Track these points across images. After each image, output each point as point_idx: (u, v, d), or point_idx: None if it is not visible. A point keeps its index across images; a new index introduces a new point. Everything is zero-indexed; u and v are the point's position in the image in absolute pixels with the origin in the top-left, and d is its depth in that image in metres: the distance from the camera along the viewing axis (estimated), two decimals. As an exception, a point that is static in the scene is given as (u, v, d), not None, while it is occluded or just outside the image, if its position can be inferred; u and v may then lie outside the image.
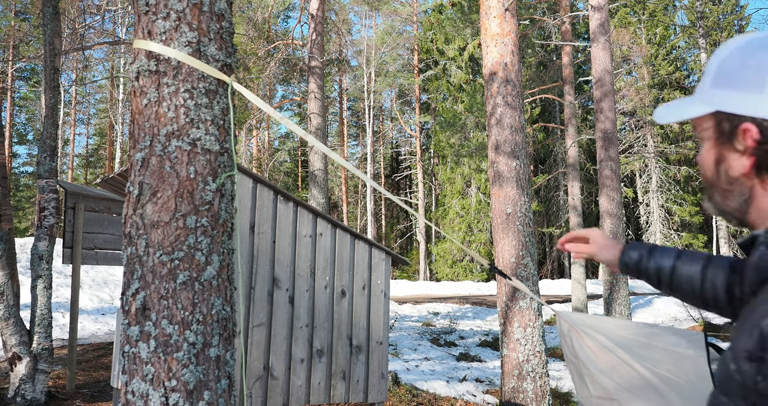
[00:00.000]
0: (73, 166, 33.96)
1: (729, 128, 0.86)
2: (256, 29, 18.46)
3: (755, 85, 0.83)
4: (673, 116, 0.94)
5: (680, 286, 1.28)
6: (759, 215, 0.87)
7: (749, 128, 0.83)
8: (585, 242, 1.50)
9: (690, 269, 1.27)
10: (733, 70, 0.86)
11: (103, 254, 6.24)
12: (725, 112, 0.86)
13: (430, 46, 27.54)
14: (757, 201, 0.86)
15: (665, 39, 27.81)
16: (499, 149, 5.54)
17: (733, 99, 0.85)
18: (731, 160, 0.87)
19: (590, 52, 10.81)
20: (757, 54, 0.84)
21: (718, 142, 0.89)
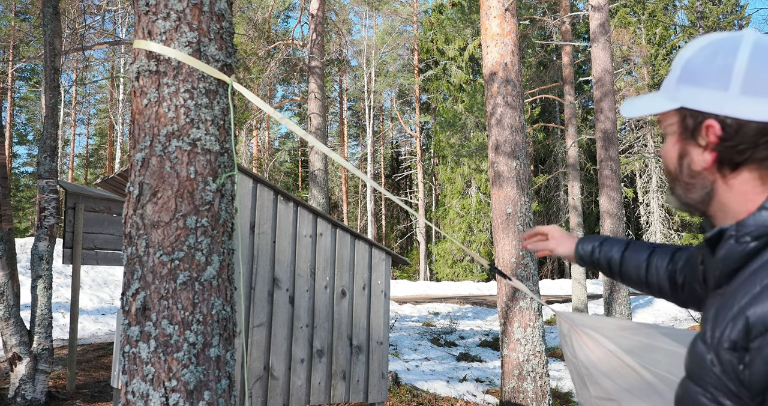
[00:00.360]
0: (73, 167, 33.96)
1: (693, 124, 0.89)
2: (256, 29, 18.47)
3: (720, 84, 0.85)
4: (640, 110, 0.96)
5: (629, 274, 1.36)
6: (720, 208, 0.90)
7: (712, 125, 0.86)
8: (545, 238, 1.58)
9: (637, 258, 1.35)
10: (699, 68, 0.89)
11: (103, 254, 6.24)
12: (690, 109, 0.89)
13: (430, 46, 27.54)
14: (718, 195, 0.89)
15: (665, 39, 27.82)
16: (499, 149, 5.54)
17: (698, 96, 0.87)
18: (694, 155, 0.90)
19: (590, 52, 10.81)
20: (723, 54, 0.86)
21: (682, 137, 0.91)
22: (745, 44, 0.86)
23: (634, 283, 1.37)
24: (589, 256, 1.45)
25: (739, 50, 0.86)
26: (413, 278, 28.83)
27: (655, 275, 1.31)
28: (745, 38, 0.87)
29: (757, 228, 0.83)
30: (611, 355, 1.48)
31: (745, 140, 0.84)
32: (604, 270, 1.43)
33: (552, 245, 1.54)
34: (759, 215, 0.83)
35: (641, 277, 1.34)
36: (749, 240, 0.83)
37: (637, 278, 1.35)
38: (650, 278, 1.32)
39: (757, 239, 0.83)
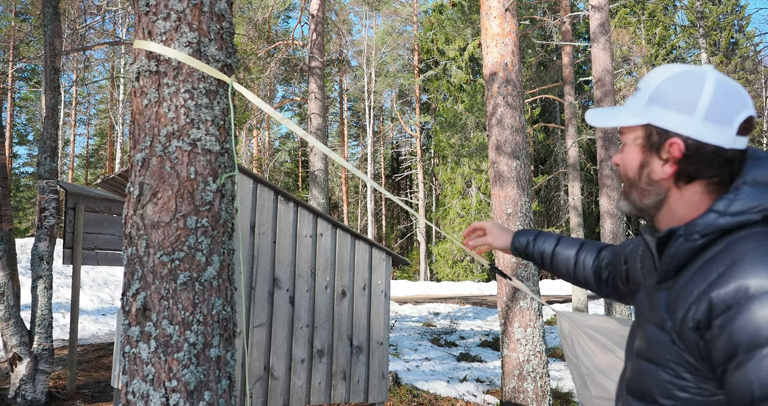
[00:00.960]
0: (73, 167, 33.97)
1: (658, 140, 1.03)
2: (256, 29, 18.47)
3: (687, 109, 1.00)
4: (608, 121, 1.10)
5: (559, 268, 1.53)
6: (668, 213, 1.06)
7: (677, 142, 1.00)
8: (483, 234, 1.70)
9: (566, 254, 1.52)
10: (669, 93, 1.02)
11: (103, 255, 6.24)
12: (657, 126, 1.03)
13: (431, 46, 27.53)
14: (670, 202, 1.05)
15: (665, 39, 27.81)
16: (499, 149, 5.54)
17: (667, 116, 1.01)
18: (655, 166, 1.04)
19: (590, 52, 10.81)
20: (693, 85, 1.01)
21: (645, 149, 1.05)
22: (710, 79, 1.01)
23: (563, 276, 1.53)
24: (523, 249, 1.59)
25: (705, 83, 1.00)
26: (413, 278, 28.83)
27: (582, 270, 1.48)
28: (709, 74, 1.02)
29: (705, 227, 0.97)
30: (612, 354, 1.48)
31: (702, 159, 1.00)
32: (537, 263, 1.58)
33: (489, 240, 1.66)
34: (707, 216, 0.98)
35: (570, 271, 1.51)
36: (697, 238, 0.98)
37: (566, 271, 1.52)
38: (578, 273, 1.49)
39: (704, 237, 0.97)
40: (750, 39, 28.67)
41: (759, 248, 0.92)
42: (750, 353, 0.85)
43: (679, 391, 0.96)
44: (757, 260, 0.90)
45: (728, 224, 0.96)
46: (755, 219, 0.96)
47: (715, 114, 0.99)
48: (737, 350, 0.87)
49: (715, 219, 0.97)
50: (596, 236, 27.49)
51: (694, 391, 0.95)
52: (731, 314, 0.88)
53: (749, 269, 0.89)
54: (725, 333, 0.88)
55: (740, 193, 0.97)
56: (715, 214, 0.97)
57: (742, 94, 1.01)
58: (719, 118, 0.99)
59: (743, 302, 0.87)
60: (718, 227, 0.97)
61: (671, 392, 0.97)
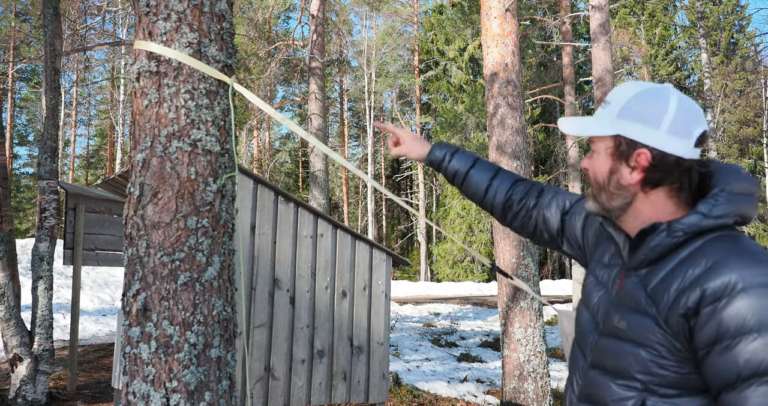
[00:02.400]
0: (73, 168, 33.97)
1: (627, 150, 1.15)
2: (256, 30, 18.47)
3: (654, 123, 1.12)
4: (579, 130, 1.22)
5: (468, 189, 1.60)
6: (634, 214, 1.18)
7: (644, 152, 1.13)
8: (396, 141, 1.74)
9: (480, 177, 1.59)
10: (637, 108, 1.15)
11: (103, 255, 6.24)
12: (626, 137, 1.15)
13: (431, 46, 27.53)
14: (636, 205, 1.17)
15: (665, 39, 27.81)
16: (500, 150, 5.54)
17: (635, 129, 1.14)
18: (623, 173, 1.16)
19: (591, 53, 10.81)
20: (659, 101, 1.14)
21: (615, 157, 1.17)
22: (674, 97, 1.14)
23: (472, 197, 1.61)
24: (438, 163, 1.64)
25: (670, 100, 1.13)
26: (414, 279, 28.82)
27: (492, 197, 1.57)
28: (673, 93, 1.15)
29: (690, 226, 1.09)
30: None
31: (666, 168, 1.12)
32: (449, 179, 1.64)
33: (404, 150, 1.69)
34: (691, 217, 1.09)
35: (479, 194, 1.59)
36: (681, 235, 1.09)
37: (475, 193, 1.60)
38: (487, 197, 1.58)
39: (686, 234, 1.09)
40: (750, 39, 28.67)
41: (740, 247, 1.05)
42: (737, 339, 0.97)
43: (659, 369, 1.08)
44: (743, 258, 1.02)
45: (710, 225, 1.09)
46: (729, 222, 1.10)
47: (677, 128, 1.12)
48: (724, 336, 0.98)
49: (699, 220, 1.09)
50: (597, 236, 27.42)
51: (673, 369, 1.07)
52: (721, 304, 0.99)
53: (736, 266, 1.01)
54: (714, 321, 1.00)
55: (720, 199, 1.10)
56: (699, 215, 1.09)
57: (699, 111, 1.15)
58: (681, 132, 1.12)
59: (732, 294, 0.99)
60: (702, 227, 1.09)
61: (651, 370, 1.09)
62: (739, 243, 1.06)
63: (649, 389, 1.09)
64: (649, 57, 25.46)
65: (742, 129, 24.08)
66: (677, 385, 1.07)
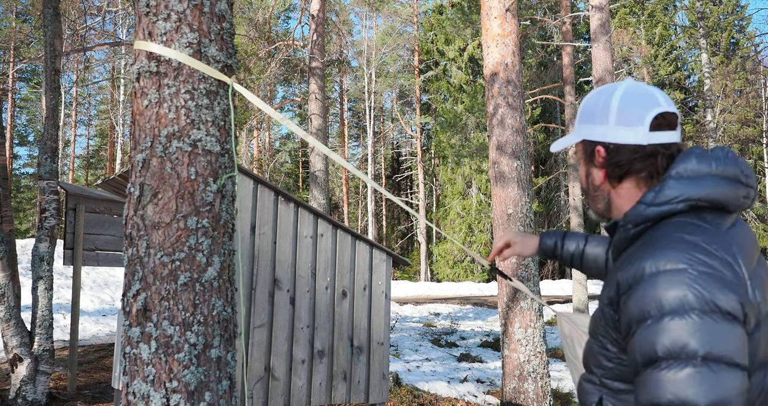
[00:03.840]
0: (73, 168, 33.97)
1: (590, 151, 1.20)
2: (256, 30, 18.47)
3: (602, 119, 1.16)
4: (561, 146, 1.28)
5: (588, 265, 1.58)
6: (616, 212, 1.20)
7: (599, 149, 1.17)
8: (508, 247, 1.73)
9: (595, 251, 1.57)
10: (589, 109, 1.20)
11: (104, 255, 6.24)
12: (587, 140, 1.20)
13: (431, 47, 27.52)
14: (613, 201, 1.20)
15: (665, 39, 27.80)
16: (500, 150, 5.54)
17: (590, 129, 1.18)
18: (594, 174, 1.20)
19: (591, 53, 10.81)
20: (604, 98, 1.17)
21: (586, 161, 1.22)
22: (619, 89, 1.16)
23: (594, 273, 1.58)
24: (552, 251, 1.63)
25: (614, 94, 1.16)
26: (414, 279, 28.81)
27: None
28: (621, 85, 1.17)
29: (635, 217, 1.10)
30: None
31: (622, 158, 1.14)
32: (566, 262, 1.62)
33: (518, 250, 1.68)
34: (636, 207, 1.10)
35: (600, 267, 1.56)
36: (630, 227, 1.11)
37: (596, 268, 1.57)
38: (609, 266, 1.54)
39: (636, 226, 1.10)
40: (750, 39, 28.66)
41: (666, 234, 1.04)
42: (638, 326, 0.98)
43: (606, 360, 1.10)
44: (657, 245, 1.02)
45: (654, 213, 1.08)
46: (680, 208, 1.07)
47: (624, 118, 1.13)
48: (631, 323, 1.00)
49: (643, 210, 1.09)
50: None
51: (616, 361, 1.08)
52: (630, 292, 1.01)
53: (648, 254, 1.01)
54: (625, 309, 1.01)
55: (665, 185, 1.09)
56: (643, 205, 1.09)
57: (653, 94, 1.14)
58: (629, 120, 1.13)
59: (639, 282, 1.00)
60: (646, 216, 1.09)
61: (600, 362, 1.11)
62: (671, 230, 1.04)
63: (603, 383, 1.10)
64: (649, 57, 25.46)
65: (742, 129, 24.09)
66: (624, 378, 1.07)
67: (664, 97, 1.15)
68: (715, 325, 0.92)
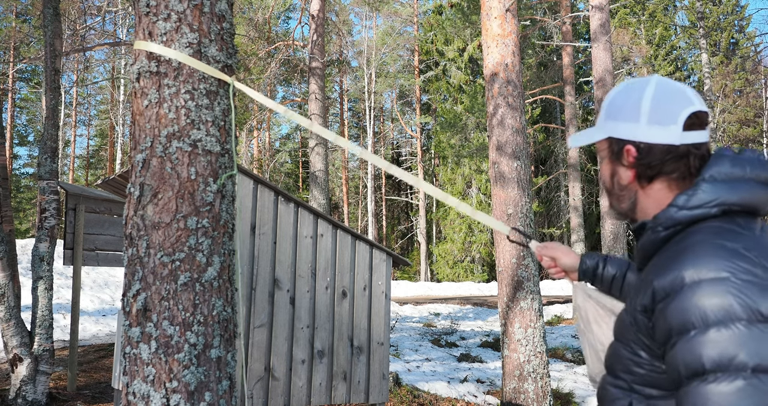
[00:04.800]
0: (73, 168, 33.96)
1: (617, 149, 1.16)
2: (256, 30, 18.47)
3: (633, 117, 1.12)
4: (582, 141, 1.24)
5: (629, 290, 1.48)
6: (642, 213, 1.17)
7: (630, 148, 1.13)
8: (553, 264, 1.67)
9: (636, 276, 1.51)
10: (618, 106, 1.15)
11: (104, 256, 6.24)
12: (614, 138, 1.16)
13: (430, 47, 27.52)
14: (640, 202, 1.16)
15: (665, 39, 27.80)
16: (500, 150, 5.54)
17: (619, 127, 1.14)
18: (621, 173, 1.17)
19: (591, 53, 10.80)
20: (634, 95, 1.13)
21: (611, 159, 1.19)
22: (650, 86, 1.12)
23: None
24: (593, 270, 1.57)
25: (645, 91, 1.12)
26: (414, 279, 28.81)
27: None
28: (651, 81, 1.13)
29: (666, 220, 1.08)
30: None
31: (655, 158, 1.10)
32: (606, 285, 1.56)
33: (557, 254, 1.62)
34: (668, 210, 1.08)
35: None
36: (661, 230, 1.09)
37: None
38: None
39: (666, 229, 1.08)
40: (750, 39, 28.67)
41: (704, 240, 1.00)
42: (679, 336, 0.95)
43: (636, 367, 1.07)
44: (697, 252, 0.99)
45: (686, 217, 1.06)
46: (713, 213, 1.04)
47: (657, 116, 1.10)
48: (671, 333, 0.96)
49: (675, 213, 1.07)
50: (597, 236, 27.47)
51: (649, 367, 1.05)
52: (668, 300, 0.97)
53: (688, 260, 0.98)
54: (663, 317, 0.98)
55: (698, 189, 1.06)
56: (675, 208, 1.07)
57: (685, 93, 1.11)
58: (662, 119, 1.09)
59: (678, 290, 0.96)
60: (677, 220, 1.06)
61: (630, 368, 1.08)
62: (708, 236, 1.00)
63: (633, 388, 1.08)
64: (649, 57, 25.46)
65: (742, 129, 24.09)
66: (657, 385, 1.05)
67: (695, 95, 1.12)
68: (762, 335, 0.90)
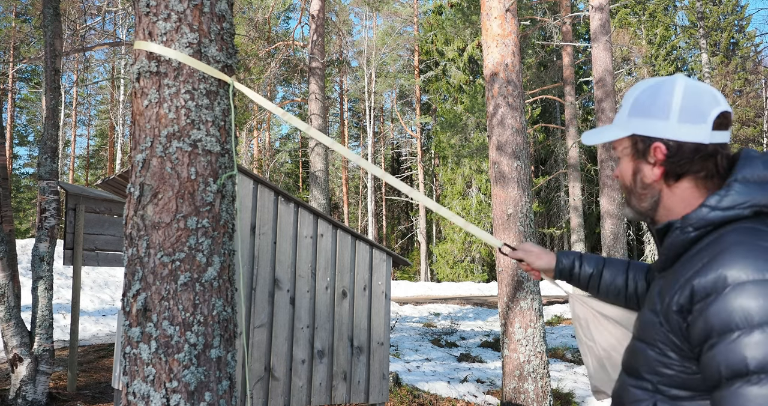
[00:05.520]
0: (74, 168, 33.97)
1: (643, 147, 1.15)
2: (256, 30, 18.47)
3: (662, 115, 1.11)
4: (599, 139, 1.23)
5: (606, 288, 1.52)
6: (664, 212, 1.16)
7: (659, 146, 1.12)
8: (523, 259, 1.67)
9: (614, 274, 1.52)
10: (645, 104, 1.15)
11: (104, 256, 6.24)
12: (640, 135, 1.15)
13: (430, 47, 27.52)
14: (664, 201, 1.16)
15: (665, 39, 27.80)
16: (500, 150, 5.54)
17: (646, 125, 1.14)
18: (645, 171, 1.16)
19: (591, 53, 10.80)
20: (664, 93, 1.13)
21: (635, 157, 1.17)
22: (679, 85, 1.12)
23: (612, 296, 1.52)
24: (569, 269, 1.57)
25: (674, 89, 1.12)
26: (414, 279, 28.82)
27: (633, 289, 1.49)
28: (678, 80, 1.13)
29: (698, 221, 1.07)
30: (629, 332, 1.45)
31: (684, 157, 1.10)
32: (583, 284, 1.56)
33: (530, 259, 1.61)
34: (699, 210, 1.07)
35: (619, 290, 1.50)
36: (691, 230, 1.08)
37: (615, 291, 1.51)
38: (629, 292, 1.49)
39: (697, 230, 1.07)
40: (750, 39, 28.67)
41: (743, 241, 1.00)
42: (721, 337, 0.94)
43: (664, 368, 1.07)
44: (738, 253, 0.98)
45: (718, 217, 1.05)
46: (745, 214, 1.04)
47: (688, 115, 1.10)
48: (711, 333, 0.96)
49: (707, 213, 1.06)
50: (597, 236, 27.48)
51: (678, 368, 1.05)
52: (709, 300, 0.97)
53: (730, 261, 0.98)
54: (702, 317, 0.97)
55: (731, 189, 1.06)
56: (707, 208, 1.06)
57: (712, 92, 1.12)
58: (693, 117, 1.09)
59: (720, 291, 0.96)
60: (709, 220, 1.06)
61: (656, 369, 1.08)
62: (746, 237, 1.01)
63: (659, 389, 1.08)
64: (649, 57, 25.46)
65: (742, 129, 24.08)
66: (686, 386, 1.04)
67: (720, 95, 1.13)
68: None
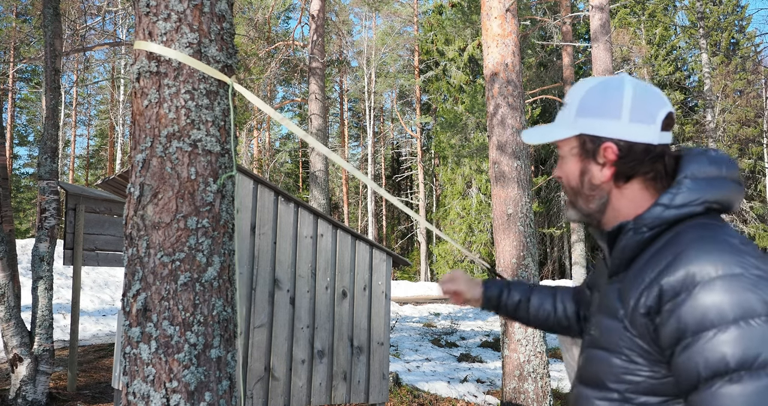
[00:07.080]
0: (73, 168, 33.97)
1: (593, 147, 1.11)
2: (256, 30, 18.47)
3: (613, 115, 1.08)
4: (543, 138, 1.20)
5: (535, 313, 1.49)
6: (613, 213, 1.13)
7: (610, 146, 1.09)
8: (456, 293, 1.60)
9: (541, 300, 1.49)
10: (594, 103, 1.11)
11: (104, 255, 6.24)
12: (589, 135, 1.11)
13: (430, 47, 27.51)
14: (613, 202, 1.12)
15: (665, 39, 27.81)
16: (501, 150, 5.54)
17: (596, 124, 1.10)
18: (594, 172, 1.12)
19: (591, 53, 10.80)
20: (613, 91, 1.10)
21: (583, 157, 1.14)
22: (628, 84, 1.10)
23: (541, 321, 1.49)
24: (497, 298, 1.53)
25: (624, 89, 1.09)
26: (414, 279, 28.81)
27: (563, 312, 1.47)
28: (626, 80, 1.10)
29: (653, 220, 1.05)
30: None
31: (636, 158, 1.08)
32: (510, 312, 1.52)
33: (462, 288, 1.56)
34: (653, 210, 1.05)
35: (549, 316, 1.48)
36: (646, 231, 1.06)
37: (544, 317, 1.49)
38: (558, 316, 1.47)
39: (652, 229, 1.05)
40: (750, 39, 28.67)
41: (704, 236, 0.99)
42: (696, 336, 0.91)
43: (631, 375, 1.02)
44: (703, 249, 0.96)
45: (673, 216, 1.04)
46: (698, 211, 1.04)
47: (639, 115, 1.07)
48: (685, 334, 0.92)
49: (661, 212, 1.05)
50: (597, 236, 27.41)
51: (647, 374, 1.00)
52: (679, 299, 0.94)
53: (696, 257, 0.95)
54: (674, 317, 0.94)
55: (682, 187, 1.05)
56: (661, 207, 1.05)
57: (659, 93, 1.10)
58: (643, 118, 1.07)
59: (690, 289, 0.93)
60: (664, 219, 1.04)
61: (623, 377, 1.03)
62: (705, 232, 0.99)
63: (626, 398, 1.04)
64: (649, 57, 25.47)
65: (742, 129, 24.09)
66: (656, 391, 1.01)
67: (665, 97, 1.12)
68: None
